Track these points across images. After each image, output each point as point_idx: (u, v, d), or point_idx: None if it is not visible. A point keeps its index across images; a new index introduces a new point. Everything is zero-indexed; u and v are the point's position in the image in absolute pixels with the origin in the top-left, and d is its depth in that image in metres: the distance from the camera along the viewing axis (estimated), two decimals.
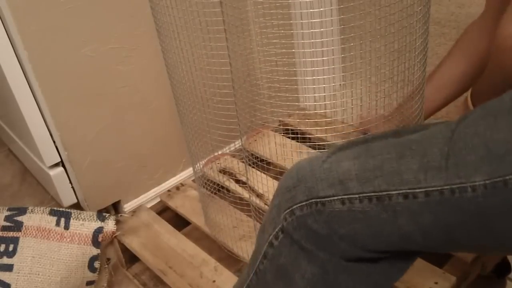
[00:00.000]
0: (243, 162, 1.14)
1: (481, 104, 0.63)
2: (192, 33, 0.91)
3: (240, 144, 0.99)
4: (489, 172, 0.54)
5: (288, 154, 1.23)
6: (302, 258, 0.66)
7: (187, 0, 0.88)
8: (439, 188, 0.57)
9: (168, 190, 1.36)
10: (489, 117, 0.57)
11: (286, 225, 0.65)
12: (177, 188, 1.36)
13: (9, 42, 1.07)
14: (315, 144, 1.20)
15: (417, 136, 0.62)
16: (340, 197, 0.62)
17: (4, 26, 1.05)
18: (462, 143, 0.57)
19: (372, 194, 0.60)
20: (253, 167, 1.04)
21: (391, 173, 0.60)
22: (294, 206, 0.64)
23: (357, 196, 0.61)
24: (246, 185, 1.13)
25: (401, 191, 0.59)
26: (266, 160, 1.23)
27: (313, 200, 0.63)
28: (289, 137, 1.33)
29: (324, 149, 0.87)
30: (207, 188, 1.19)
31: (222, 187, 1.25)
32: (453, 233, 0.59)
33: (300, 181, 0.65)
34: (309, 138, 1.37)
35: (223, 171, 1.30)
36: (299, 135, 1.35)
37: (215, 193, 1.24)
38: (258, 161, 1.01)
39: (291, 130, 1.40)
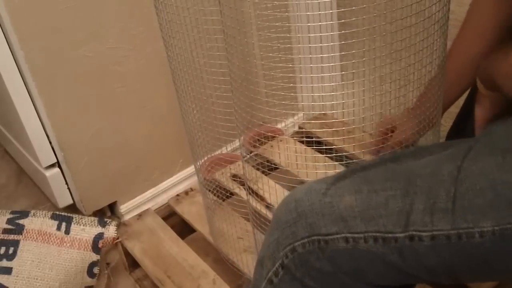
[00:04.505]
0: (254, 167, 1.12)
1: (487, 130, 0.61)
2: (197, 33, 0.91)
3: (244, 145, 0.97)
4: (497, 218, 0.54)
5: (301, 160, 1.19)
6: None
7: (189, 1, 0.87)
8: (445, 232, 0.56)
9: (177, 195, 1.34)
10: (497, 154, 0.56)
11: (287, 262, 0.63)
12: (186, 193, 1.34)
13: (6, 42, 1.06)
14: (326, 149, 1.15)
15: (420, 166, 0.61)
16: (343, 235, 0.60)
17: (0, 25, 1.04)
18: (469, 183, 0.56)
19: (378, 234, 0.59)
20: (263, 172, 1.00)
21: (397, 213, 0.58)
22: (296, 243, 0.62)
23: (362, 235, 0.60)
24: (250, 191, 1.11)
25: (407, 233, 0.58)
26: (277, 168, 1.20)
27: (315, 237, 0.61)
28: (302, 141, 1.27)
29: (341, 160, 0.85)
30: (210, 193, 1.17)
31: (227, 196, 1.22)
32: (458, 272, 0.59)
33: (300, 216, 0.63)
34: (326, 145, 1.31)
35: (233, 177, 1.27)
36: (313, 139, 1.30)
37: (218, 199, 1.21)
38: (266, 169, 0.98)
39: (306, 135, 1.36)
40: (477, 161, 0.57)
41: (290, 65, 0.82)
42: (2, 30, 1.05)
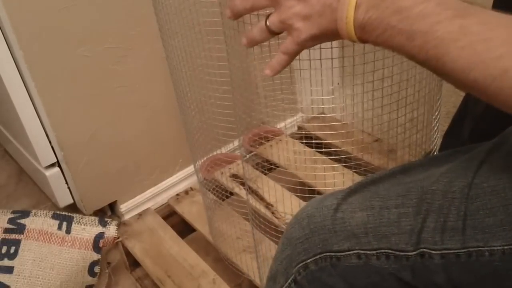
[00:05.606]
0: (254, 167, 1.12)
1: (501, 140, 0.60)
2: (197, 34, 0.91)
3: (243, 145, 0.97)
4: (507, 237, 0.54)
5: (302, 162, 1.19)
6: None
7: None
8: (455, 251, 0.57)
9: (177, 194, 1.34)
10: (509, 172, 0.56)
11: (300, 279, 0.64)
12: (186, 192, 1.34)
13: (5, 42, 1.06)
14: (325, 149, 1.15)
15: (431, 181, 0.61)
16: (356, 251, 0.61)
17: None
18: (480, 202, 0.56)
19: (390, 251, 0.59)
20: (262, 171, 1.00)
21: (408, 231, 0.59)
22: (308, 260, 0.63)
23: (374, 252, 0.60)
24: (250, 190, 1.10)
25: (418, 251, 0.58)
26: (276, 167, 1.20)
27: (327, 254, 0.62)
28: (303, 142, 1.27)
29: (340, 160, 0.82)
30: (210, 193, 1.17)
31: (227, 196, 1.22)
32: None
33: (313, 232, 0.63)
34: (325, 145, 1.32)
35: (233, 177, 1.27)
36: (312, 140, 1.30)
37: (218, 199, 1.21)
38: (265, 169, 0.98)
39: (305, 136, 1.35)
40: (489, 178, 0.57)
41: (290, 66, 0.82)
42: (1, 31, 1.05)
